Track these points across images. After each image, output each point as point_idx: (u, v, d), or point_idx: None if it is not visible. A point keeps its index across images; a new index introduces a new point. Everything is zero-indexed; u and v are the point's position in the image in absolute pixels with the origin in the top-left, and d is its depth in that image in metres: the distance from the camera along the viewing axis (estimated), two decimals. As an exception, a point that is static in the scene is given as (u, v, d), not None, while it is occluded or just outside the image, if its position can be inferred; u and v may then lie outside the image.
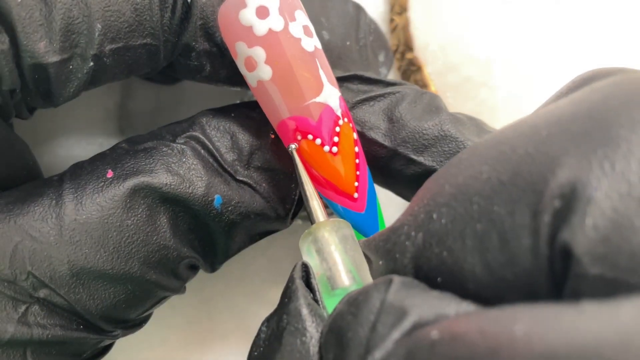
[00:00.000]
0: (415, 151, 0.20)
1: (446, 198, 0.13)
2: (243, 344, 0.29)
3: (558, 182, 0.11)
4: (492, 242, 0.12)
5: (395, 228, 0.15)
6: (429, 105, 0.21)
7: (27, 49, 0.16)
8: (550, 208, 0.11)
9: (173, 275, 0.19)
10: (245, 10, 0.18)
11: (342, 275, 0.17)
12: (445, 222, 0.13)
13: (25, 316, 0.17)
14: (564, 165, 0.11)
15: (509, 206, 0.12)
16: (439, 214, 0.13)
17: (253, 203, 0.20)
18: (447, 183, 0.14)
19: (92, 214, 0.18)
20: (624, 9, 0.28)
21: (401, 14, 0.29)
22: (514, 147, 0.12)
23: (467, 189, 0.13)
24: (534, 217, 0.11)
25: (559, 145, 0.12)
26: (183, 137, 0.20)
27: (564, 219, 0.11)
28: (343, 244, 0.18)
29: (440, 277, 0.13)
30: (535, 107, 0.27)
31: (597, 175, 0.11)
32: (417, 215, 0.14)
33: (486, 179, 0.13)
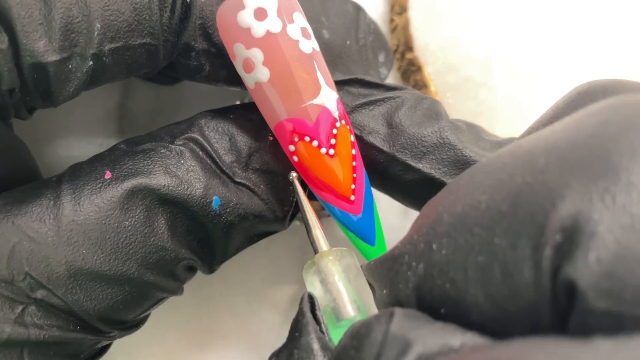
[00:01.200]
0: (414, 157, 0.20)
1: (445, 228, 0.13)
2: (243, 343, 0.29)
3: (559, 216, 0.11)
4: (494, 274, 0.12)
5: (396, 256, 0.15)
6: (429, 111, 0.21)
7: (26, 48, 0.16)
8: (552, 242, 0.11)
9: (171, 276, 0.19)
10: (243, 11, 0.18)
11: (347, 306, 0.17)
12: (446, 253, 0.13)
13: (22, 317, 0.17)
14: (564, 197, 0.11)
15: (510, 238, 0.12)
16: (439, 245, 0.13)
17: (251, 205, 0.20)
18: (446, 212, 0.13)
19: (90, 214, 0.18)
20: (623, 9, 0.28)
21: (401, 14, 0.29)
22: (512, 175, 0.12)
23: (467, 219, 0.13)
24: (535, 250, 0.11)
25: (558, 176, 0.11)
26: (181, 139, 0.20)
27: (567, 253, 0.11)
28: (346, 274, 0.17)
29: (444, 308, 0.13)
30: (535, 107, 0.28)
31: (599, 209, 0.10)
32: (417, 244, 0.14)
33: (485, 209, 0.12)
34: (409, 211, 0.29)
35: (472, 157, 0.20)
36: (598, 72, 0.28)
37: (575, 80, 0.28)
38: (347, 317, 0.17)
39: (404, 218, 0.30)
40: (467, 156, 0.20)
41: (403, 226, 0.30)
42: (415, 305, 0.14)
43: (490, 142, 0.21)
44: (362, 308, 0.17)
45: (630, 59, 0.28)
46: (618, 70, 0.28)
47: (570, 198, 0.11)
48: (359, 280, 0.18)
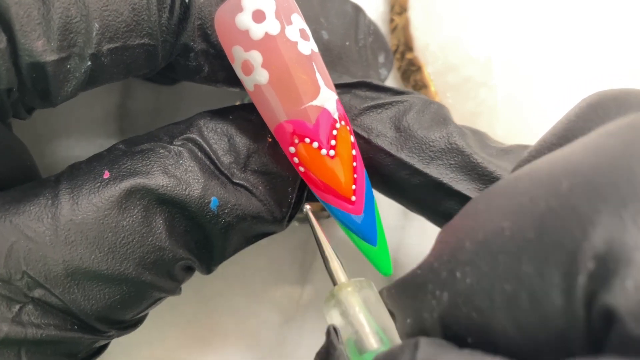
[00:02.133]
0: (422, 162, 0.20)
1: (468, 256, 0.13)
2: (243, 343, 0.29)
3: (591, 243, 0.11)
4: (522, 302, 0.12)
5: (419, 284, 0.14)
6: (437, 115, 0.21)
7: (24, 48, 0.16)
8: (585, 269, 0.11)
9: (168, 276, 0.19)
10: (241, 14, 0.18)
11: (369, 338, 0.17)
12: (470, 282, 0.13)
13: (20, 316, 0.17)
14: (594, 223, 0.11)
15: (537, 265, 0.11)
16: (463, 273, 0.13)
17: (249, 206, 0.20)
18: (467, 239, 0.13)
19: (88, 214, 0.18)
20: (623, 9, 0.28)
21: (401, 14, 0.29)
22: (534, 200, 0.12)
23: (490, 247, 0.13)
24: (565, 277, 0.11)
25: (585, 201, 0.11)
26: (180, 139, 0.20)
27: (602, 281, 0.10)
28: (367, 304, 0.17)
29: (470, 337, 0.13)
30: (535, 107, 0.27)
31: (633, 234, 0.10)
32: (440, 272, 0.14)
33: (510, 236, 0.12)
34: (408, 213, 0.29)
35: (480, 163, 0.20)
36: (598, 72, 0.28)
37: (575, 80, 0.28)
38: (370, 349, 0.17)
39: (404, 218, 0.30)
40: (475, 162, 0.20)
41: (403, 226, 0.30)
42: (440, 334, 0.14)
43: (496, 148, 0.21)
44: (385, 339, 0.17)
45: (630, 59, 0.28)
46: (618, 71, 0.28)
47: (601, 224, 0.11)
48: (380, 310, 0.17)
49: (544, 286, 0.11)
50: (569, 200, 0.11)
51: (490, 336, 0.12)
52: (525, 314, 0.12)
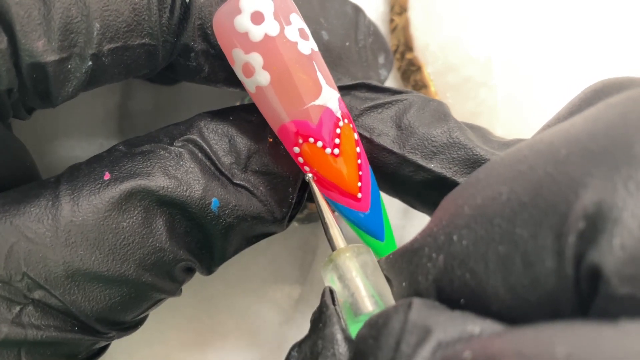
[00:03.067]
0: (425, 158, 0.20)
1: (466, 220, 0.13)
2: (243, 343, 0.29)
3: (582, 204, 0.11)
4: (515, 265, 0.12)
5: (416, 249, 0.15)
6: (437, 112, 0.21)
7: (25, 48, 0.16)
8: (575, 229, 0.11)
9: (169, 277, 0.19)
10: (240, 16, 0.18)
11: (365, 301, 0.17)
12: (466, 244, 0.13)
13: (20, 317, 0.17)
14: (587, 186, 0.11)
15: (531, 228, 0.12)
16: (460, 236, 0.13)
17: (250, 206, 0.20)
18: (466, 204, 0.14)
19: (88, 215, 0.18)
20: (623, 9, 0.28)
21: (401, 14, 0.29)
22: (533, 167, 0.13)
23: (487, 211, 0.13)
24: (557, 239, 0.11)
25: (580, 165, 0.12)
26: (181, 140, 0.20)
27: (590, 240, 0.11)
28: (364, 270, 0.18)
29: (463, 298, 0.13)
30: (535, 107, 0.28)
31: (622, 196, 0.11)
32: (437, 236, 0.14)
33: (506, 200, 0.13)
34: (409, 211, 0.30)
35: (483, 156, 0.20)
36: (598, 72, 0.28)
37: (575, 80, 0.28)
38: (365, 311, 0.17)
39: (404, 218, 0.30)
40: (477, 155, 0.20)
41: (403, 226, 0.30)
42: (434, 297, 0.14)
43: (498, 142, 0.21)
44: (380, 303, 0.17)
45: (631, 59, 0.28)
46: (618, 71, 0.28)
47: (593, 186, 0.11)
48: (377, 276, 0.18)
49: (537, 248, 0.12)
50: (565, 165, 0.12)
51: (483, 298, 0.13)
52: (518, 276, 0.12)
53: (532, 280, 0.12)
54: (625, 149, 0.11)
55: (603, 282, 0.10)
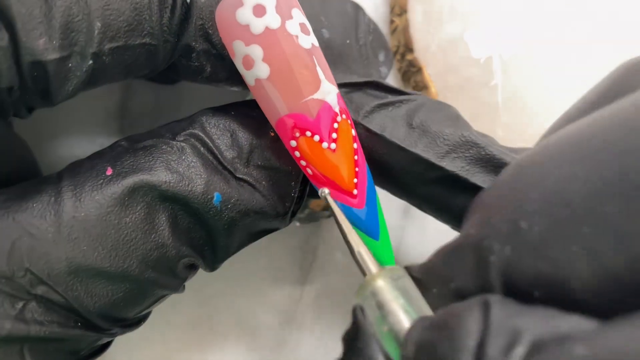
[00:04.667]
0: (437, 155, 0.20)
1: (536, 205, 0.13)
2: (243, 343, 0.29)
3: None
4: (605, 244, 0.11)
5: (472, 243, 0.14)
6: (448, 113, 0.21)
7: (26, 46, 0.16)
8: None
9: (172, 274, 0.19)
10: (242, 9, 0.18)
11: None
12: (539, 230, 0.12)
13: (23, 313, 0.17)
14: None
15: (622, 204, 0.11)
16: (530, 222, 0.12)
17: (252, 201, 0.20)
18: (531, 189, 0.13)
19: (91, 211, 0.18)
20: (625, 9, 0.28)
21: (401, 16, 0.29)
22: (609, 142, 0.12)
23: (563, 193, 0.12)
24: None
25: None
26: (183, 135, 0.20)
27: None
28: (404, 295, 0.16)
29: (537, 290, 0.12)
30: (535, 107, 0.27)
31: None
32: (498, 226, 0.13)
33: (585, 179, 0.12)
34: (409, 211, 0.30)
35: (495, 155, 0.20)
36: (600, 72, 0.28)
37: (576, 81, 0.28)
38: None
39: (404, 218, 0.30)
40: (490, 153, 0.20)
41: (403, 226, 0.30)
42: (501, 293, 0.13)
43: (506, 147, 0.21)
44: None
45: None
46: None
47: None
48: (417, 298, 0.17)
49: (631, 224, 0.11)
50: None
51: (563, 287, 0.12)
52: (609, 257, 0.11)
53: (627, 259, 0.11)
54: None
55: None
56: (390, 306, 0.16)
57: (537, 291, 0.12)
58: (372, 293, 0.16)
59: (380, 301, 0.16)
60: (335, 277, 0.25)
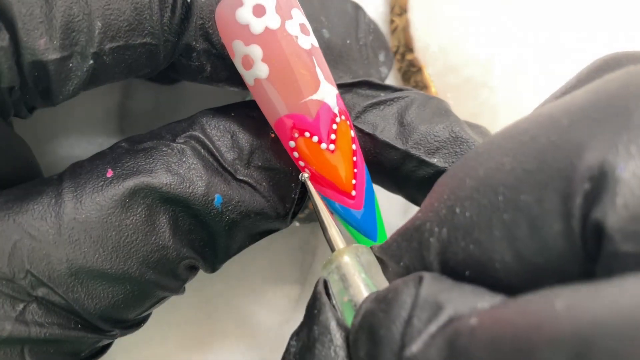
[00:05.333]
0: (427, 153, 0.20)
1: (468, 191, 0.14)
2: (243, 343, 0.29)
3: (586, 165, 0.11)
4: (522, 230, 0.12)
5: (417, 226, 0.15)
6: (438, 108, 0.21)
7: (27, 46, 0.16)
8: (581, 190, 0.11)
9: (172, 275, 0.19)
10: (241, 8, 0.18)
11: None
12: (470, 215, 0.13)
13: (23, 314, 0.17)
14: (591, 149, 0.11)
15: (537, 193, 0.12)
16: (462, 208, 0.13)
17: (253, 202, 0.20)
18: (467, 177, 0.14)
19: (92, 213, 0.18)
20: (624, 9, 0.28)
21: (401, 15, 0.29)
22: (535, 137, 0.13)
23: (490, 181, 0.13)
24: (563, 201, 0.12)
25: (583, 132, 0.12)
26: (183, 137, 0.20)
27: (595, 199, 0.11)
28: (365, 269, 0.18)
29: (468, 270, 0.13)
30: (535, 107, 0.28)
31: (624, 157, 0.11)
32: (438, 210, 0.14)
33: (510, 169, 0.13)
34: (408, 211, 0.29)
35: None
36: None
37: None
38: None
39: (404, 218, 0.30)
40: None
41: (403, 226, 0.30)
42: (438, 271, 0.14)
43: None
44: None
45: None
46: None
47: (596, 148, 0.11)
48: (378, 275, 0.18)
49: (543, 212, 0.12)
50: (568, 133, 0.12)
51: (489, 268, 0.13)
52: (525, 242, 0.12)
53: (539, 244, 0.12)
54: (626, 116, 0.11)
55: (606, 239, 0.11)
56: (352, 279, 0.17)
57: (468, 271, 0.13)
58: (337, 267, 0.18)
59: (343, 274, 0.17)
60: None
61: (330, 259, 0.18)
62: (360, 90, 0.22)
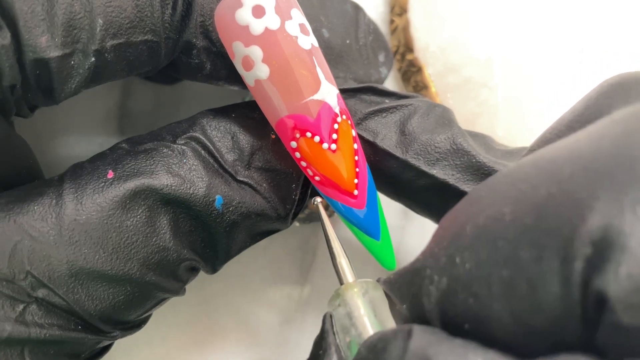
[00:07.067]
0: (427, 163, 0.20)
1: (468, 241, 0.13)
2: (242, 343, 0.29)
3: (588, 229, 0.11)
4: (519, 289, 0.12)
5: (417, 270, 0.14)
6: (441, 118, 0.21)
7: (28, 44, 0.16)
8: (582, 255, 0.11)
9: (173, 277, 0.19)
10: (241, 9, 0.18)
11: None
12: (469, 267, 0.13)
13: (23, 315, 0.17)
14: (592, 209, 0.11)
15: (535, 251, 0.11)
16: (462, 258, 0.13)
17: (254, 203, 0.20)
18: (468, 224, 0.13)
19: (92, 214, 0.18)
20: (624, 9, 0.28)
21: (401, 15, 0.29)
22: (536, 187, 0.12)
23: (490, 232, 0.13)
24: (562, 263, 0.11)
25: (585, 187, 0.11)
26: (183, 138, 0.20)
27: (597, 266, 0.10)
28: (372, 307, 0.17)
29: (467, 323, 0.13)
30: (535, 108, 0.28)
31: (630, 221, 0.10)
32: (439, 257, 0.14)
33: (509, 222, 0.12)
34: (408, 212, 0.29)
35: (485, 163, 0.20)
36: (599, 73, 0.28)
37: (575, 81, 0.28)
38: None
39: (404, 218, 0.30)
40: (480, 162, 0.20)
41: (403, 226, 0.30)
42: (438, 320, 0.14)
43: (500, 151, 0.21)
44: None
45: (632, 60, 0.28)
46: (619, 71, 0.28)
47: (599, 210, 0.11)
48: (385, 314, 0.17)
49: (541, 272, 0.11)
50: (569, 186, 0.11)
51: (486, 324, 0.12)
52: (522, 301, 0.12)
53: (536, 305, 0.11)
54: (631, 169, 0.11)
55: (608, 310, 0.10)
56: (358, 317, 0.17)
57: (467, 324, 0.13)
58: (343, 302, 0.17)
59: (350, 311, 0.17)
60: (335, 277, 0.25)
61: (338, 292, 0.18)
62: (364, 96, 0.22)
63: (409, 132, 0.21)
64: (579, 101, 0.16)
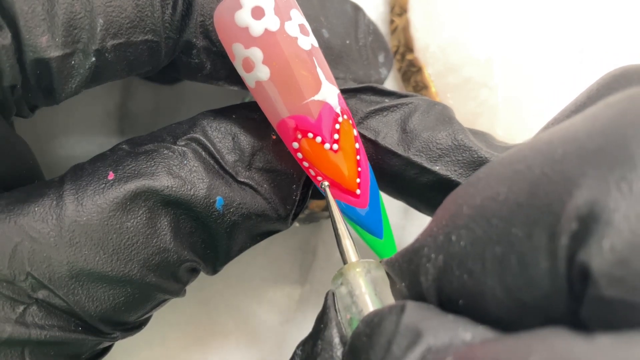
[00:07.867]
0: (429, 160, 0.20)
1: (464, 220, 0.13)
2: (243, 343, 0.29)
3: (575, 204, 0.11)
4: (511, 265, 0.12)
5: (416, 249, 0.15)
6: (441, 115, 0.21)
7: (29, 44, 0.16)
8: (568, 230, 0.11)
9: (173, 278, 0.19)
10: (240, 11, 0.18)
11: None
12: (464, 245, 0.13)
13: (23, 316, 0.17)
14: (580, 186, 0.11)
15: (527, 228, 0.12)
16: (458, 236, 0.13)
17: (254, 204, 0.20)
18: (465, 204, 0.14)
19: (93, 215, 0.18)
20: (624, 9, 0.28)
21: (401, 15, 0.29)
22: (530, 166, 0.12)
23: (485, 211, 0.13)
24: (550, 239, 0.11)
25: (575, 165, 0.11)
26: (184, 139, 0.20)
27: (582, 241, 0.11)
28: (374, 287, 0.17)
29: (462, 299, 0.13)
30: (535, 108, 0.28)
31: (615, 197, 0.10)
32: (437, 236, 0.14)
33: (503, 200, 0.12)
34: (409, 211, 0.30)
35: (487, 158, 0.20)
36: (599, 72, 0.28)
37: (575, 81, 0.28)
38: None
39: (404, 218, 0.30)
40: (482, 157, 0.20)
41: (403, 226, 0.30)
42: (435, 297, 0.14)
43: (501, 147, 0.21)
44: None
45: (631, 59, 0.28)
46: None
47: (586, 186, 0.11)
48: (386, 293, 0.18)
49: (532, 248, 0.11)
50: (561, 165, 0.12)
51: (480, 300, 0.13)
52: (514, 277, 0.12)
53: (527, 281, 0.12)
54: (621, 148, 0.11)
55: (591, 283, 0.10)
56: (359, 295, 0.17)
57: (461, 300, 0.13)
58: (346, 281, 0.18)
59: (351, 289, 0.17)
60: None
61: (341, 271, 0.18)
62: (365, 95, 0.22)
63: (410, 129, 0.21)
64: (581, 93, 0.16)
